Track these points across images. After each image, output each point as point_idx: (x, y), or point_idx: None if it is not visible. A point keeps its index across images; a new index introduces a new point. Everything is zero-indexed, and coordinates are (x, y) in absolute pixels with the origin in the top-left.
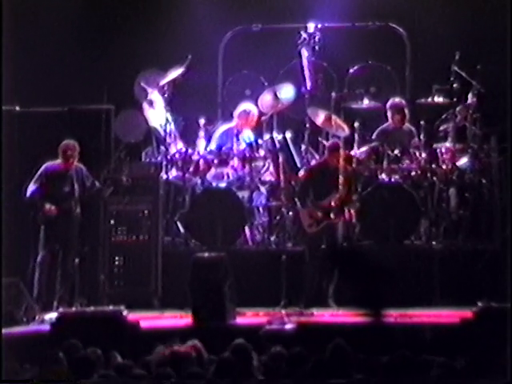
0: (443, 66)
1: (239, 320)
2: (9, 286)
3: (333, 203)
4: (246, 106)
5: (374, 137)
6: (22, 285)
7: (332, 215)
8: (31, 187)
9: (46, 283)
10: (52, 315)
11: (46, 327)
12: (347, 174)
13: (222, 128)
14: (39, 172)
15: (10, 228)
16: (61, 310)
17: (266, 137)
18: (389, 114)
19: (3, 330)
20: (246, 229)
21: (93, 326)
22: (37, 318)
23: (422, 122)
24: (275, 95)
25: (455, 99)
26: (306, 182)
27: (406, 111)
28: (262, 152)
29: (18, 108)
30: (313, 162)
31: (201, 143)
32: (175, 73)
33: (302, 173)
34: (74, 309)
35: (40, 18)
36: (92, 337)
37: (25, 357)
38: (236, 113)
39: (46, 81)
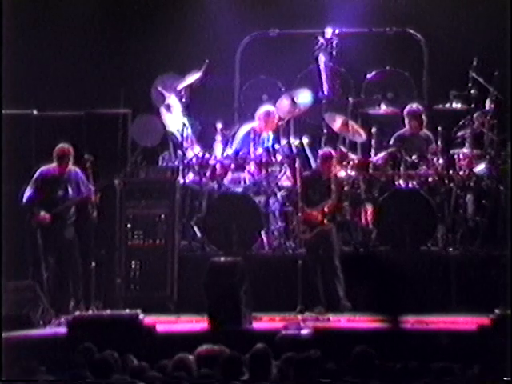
0: (461, 71)
1: (255, 325)
2: (25, 289)
3: (326, 209)
4: (268, 107)
5: (390, 142)
6: (38, 288)
7: (325, 221)
8: (27, 192)
9: (58, 287)
10: (68, 318)
11: (63, 330)
12: (339, 182)
13: (245, 128)
14: (35, 176)
15: (21, 230)
16: (77, 313)
17: (283, 142)
18: (406, 120)
19: (20, 333)
20: (263, 234)
21: (109, 329)
22: (53, 320)
23: (439, 128)
24: (292, 100)
25: (473, 105)
26: (299, 189)
27: (423, 117)
28: (278, 157)
29: (35, 112)
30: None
31: (218, 148)
32: (192, 77)
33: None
34: (90, 312)
35: (58, 23)
36: (108, 340)
37: (41, 359)
38: (257, 114)
39: (63, 85)
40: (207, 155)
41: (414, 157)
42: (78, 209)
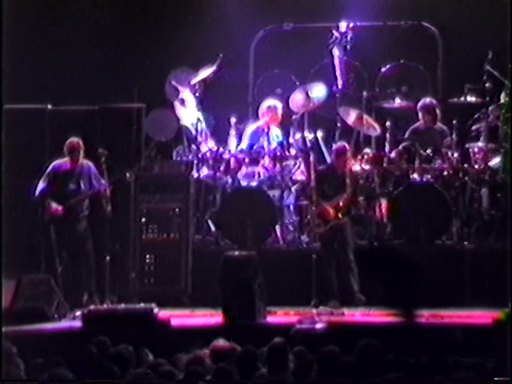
0: (476, 65)
1: (270, 319)
2: (40, 283)
3: (341, 203)
4: (270, 102)
5: (405, 136)
6: (53, 281)
7: (340, 215)
8: (40, 186)
9: (72, 281)
10: (83, 312)
11: (78, 324)
12: (354, 176)
13: (252, 127)
14: (47, 170)
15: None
16: (92, 307)
17: (297, 136)
18: (419, 114)
19: (37, 326)
20: (277, 228)
21: (124, 323)
22: (68, 314)
23: (454, 122)
24: (306, 94)
25: (488, 98)
26: (314, 183)
27: (438, 111)
28: (293, 151)
29: (49, 106)
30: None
31: (232, 142)
32: (206, 71)
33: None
34: (105, 306)
35: (72, 17)
36: (123, 334)
37: (56, 353)
38: (261, 110)
39: (77, 79)
40: (221, 149)
41: (428, 150)
42: (91, 203)
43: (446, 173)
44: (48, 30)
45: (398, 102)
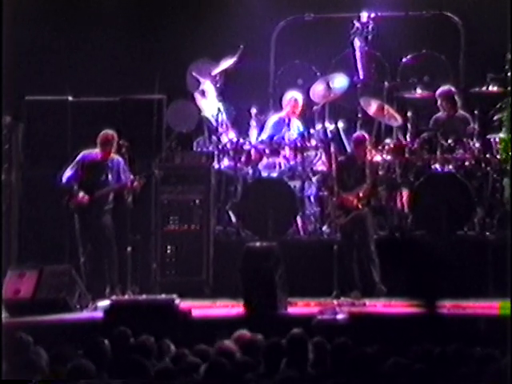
0: (498, 54)
1: (291, 310)
2: (62, 273)
3: (361, 194)
4: (292, 93)
5: (429, 126)
6: (75, 272)
7: (360, 206)
8: (67, 173)
9: (94, 272)
10: (105, 303)
11: (99, 314)
12: (373, 166)
13: (274, 118)
14: (76, 159)
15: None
16: (114, 297)
17: (318, 126)
18: (439, 103)
19: (58, 316)
20: (298, 219)
21: (145, 314)
22: (90, 305)
23: (475, 112)
24: (327, 85)
25: (510, 88)
26: (334, 174)
27: (457, 98)
28: (313, 142)
29: (70, 98)
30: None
31: (252, 133)
32: (227, 62)
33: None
34: (126, 297)
35: (93, 9)
36: (144, 325)
37: (78, 343)
38: (284, 101)
39: (98, 71)
40: (242, 140)
41: (450, 140)
42: (116, 196)
43: (467, 163)
44: (70, 21)
45: (419, 92)
